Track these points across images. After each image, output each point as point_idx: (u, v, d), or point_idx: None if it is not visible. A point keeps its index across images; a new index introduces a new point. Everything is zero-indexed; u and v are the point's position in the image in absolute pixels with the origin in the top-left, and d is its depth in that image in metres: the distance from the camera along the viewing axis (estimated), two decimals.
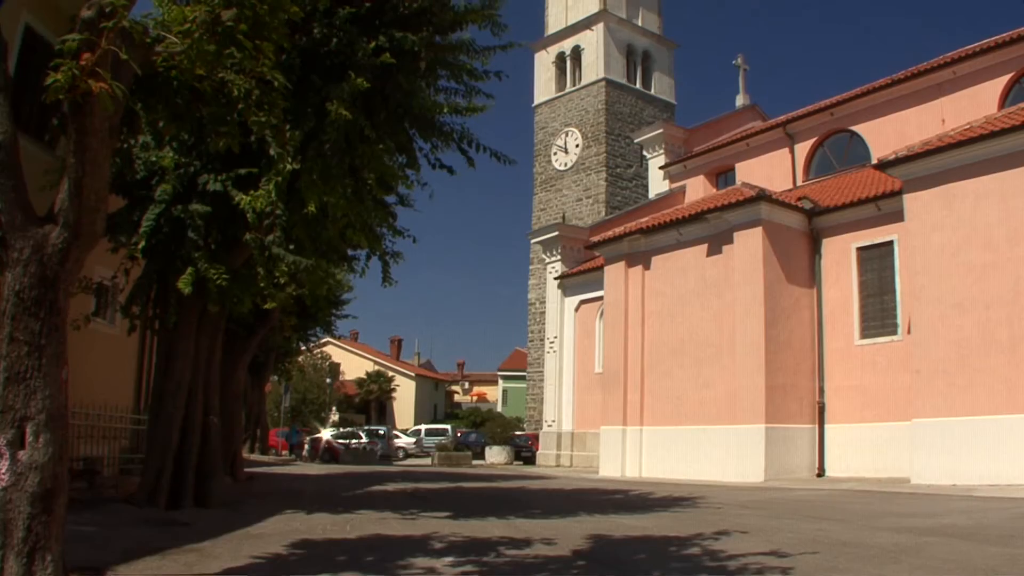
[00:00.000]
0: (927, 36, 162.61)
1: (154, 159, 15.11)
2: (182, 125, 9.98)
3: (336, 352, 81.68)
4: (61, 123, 8.66)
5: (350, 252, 19.85)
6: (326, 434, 52.05)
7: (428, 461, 50.24)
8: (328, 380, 71.91)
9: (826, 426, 26.02)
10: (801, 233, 27.40)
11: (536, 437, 44.40)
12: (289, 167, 13.37)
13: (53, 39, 13.70)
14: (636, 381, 30.01)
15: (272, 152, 12.94)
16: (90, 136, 7.24)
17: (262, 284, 15.05)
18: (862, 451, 24.87)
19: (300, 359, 58.90)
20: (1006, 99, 28.18)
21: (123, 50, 7.11)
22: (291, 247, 15.03)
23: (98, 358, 18.71)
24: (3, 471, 6.58)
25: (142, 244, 14.86)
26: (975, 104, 28.29)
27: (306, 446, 51.49)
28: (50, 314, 7.02)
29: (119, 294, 17.48)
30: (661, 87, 53.35)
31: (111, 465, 19.50)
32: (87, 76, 6.73)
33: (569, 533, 12.26)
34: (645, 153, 45.63)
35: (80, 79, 6.69)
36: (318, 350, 70.80)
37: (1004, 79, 28.51)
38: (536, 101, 54.37)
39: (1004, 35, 29.13)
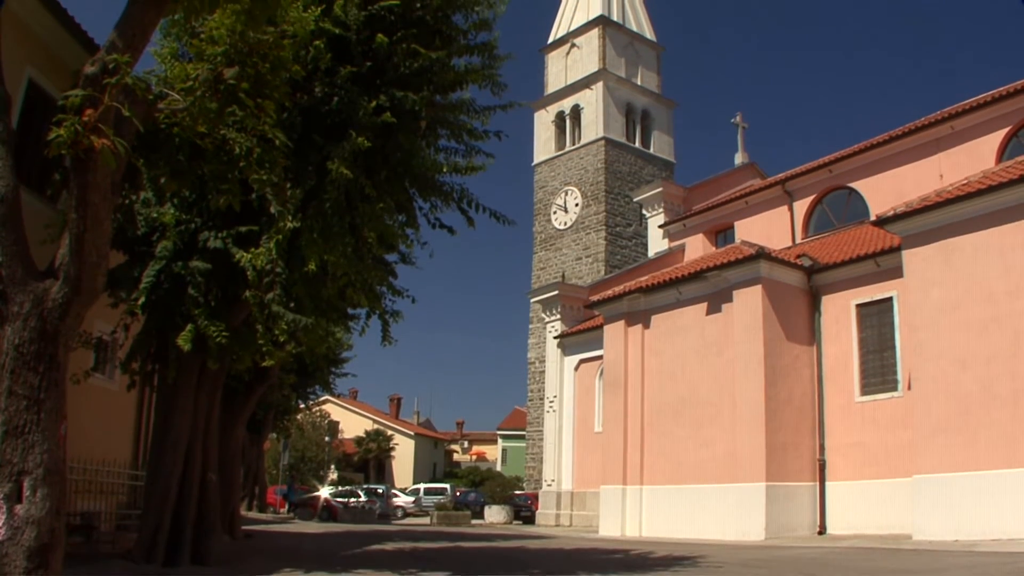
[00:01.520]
0: (926, 91, 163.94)
1: (155, 215, 15.20)
2: (183, 182, 10.05)
3: (335, 410, 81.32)
4: (63, 178, 8.75)
5: (350, 311, 19.86)
6: (324, 492, 51.71)
7: (427, 520, 49.86)
8: (327, 438, 71.56)
9: (827, 483, 25.85)
10: (801, 290, 27.42)
11: (536, 496, 44.10)
12: (290, 225, 13.48)
13: (56, 94, 13.83)
14: (636, 440, 29.87)
15: (273, 210, 13.05)
16: (92, 191, 7.29)
17: (261, 342, 15.04)
18: (864, 508, 24.69)
19: (299, 417, 58.67)
20: (1004, 152, 28.34)
21: (126, 106, 7.19)
22: (291, 305, 15.05)
23: (97, 413, 18.66)
24: (0, 525, 6.55)
25: (142, 300, 14.88)
26: (973, 158, 28.46)
27: (288, 504, 51.21)
28: (49, 368, 7.03)
29: (118, 349, 17.47)
30: (660, 145, 53.69)
31: (108, 520, 19.38)
32: (89, 132, 6.79)
33: None
34: (644, 212, 45.80)
35: (83, 135, 6.76)
36: (317, 408, 70.56)
37: (1001, 133, 28.70)
38: (536, 160, 54.67)
39: (1001, 89, 29.38)
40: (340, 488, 56.12)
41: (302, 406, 49.39)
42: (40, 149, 8.35)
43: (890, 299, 25.32)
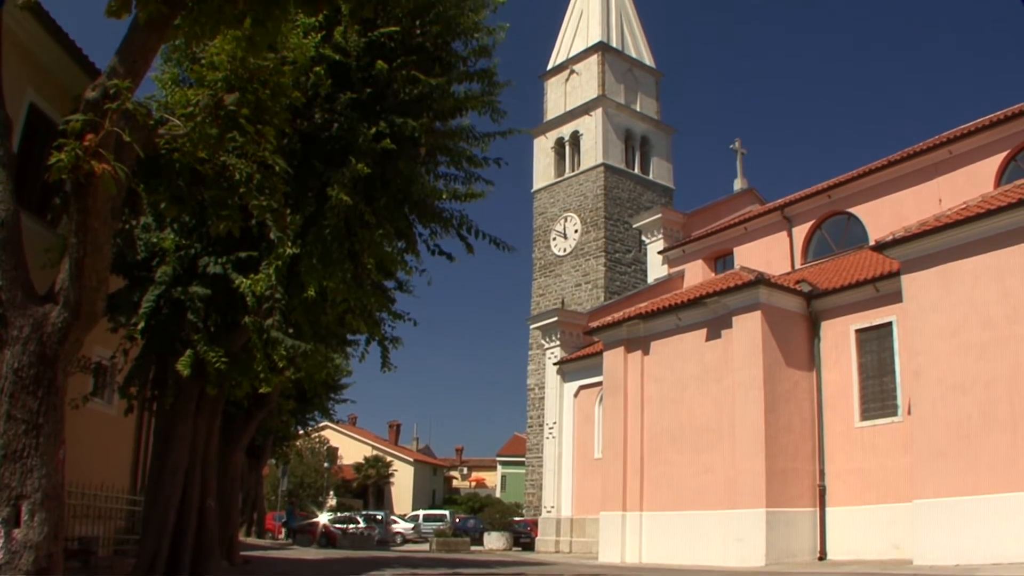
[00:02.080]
0: (925, 115, 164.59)
1: (155, 240, 15.23)
2: (183, 207, 10.07)
3: (334, 436, 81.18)
4: (63, 202, 8.79)
5: (349, 337, 19.86)
6: (323, 518, 51.55)
7: (426, 547, 49.67)
8: (326, 464, 71.43)
9: (827, 509, 25.74)
10: (800, 316, 27.40)
11: (535, 523, 43.92)
12: (289, 251, 13.51)
13: (57, 118, 13.87)
14: (636, 466, 29.78)
15: (272, 236, 13.08)
16: (92, 217, 7.31)
17: (260, 367, 15.04)
18: (864, 533, 24.58)
19: (298, 443, 58.58)
20: (1002, 176, 28.36)
21: (126, 132, 7.21)
22: (290, 331, 15.07)
23: (95, 438, 18.63)
24: None
25: (141, 325, 14.89)
26: (971, 182, 28.49)
27: (282, 530, 51.13)
28: (48, 393, 7.03)
29: (117, 374, 17.46)
30: (659, 171, 53.76)
31: (106, 545, 19.33)
32: (90, 157, 6.82)
33: None
34: (644, 238, 45.84)
35: (83, 160, 6.78)
36: (316, 434, 70.47)
37: (1000, 157, 28.75)
38: (535, 186, 54.69)
39: (998, 113, 29.43)
40: (339, 514, 55.95)
41: (301, 432, 49.32)
42: (40, 173, 8.39)
43: (889, 324, 25.29)
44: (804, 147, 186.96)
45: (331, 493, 74.68)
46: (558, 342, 40.96)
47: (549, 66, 56.78)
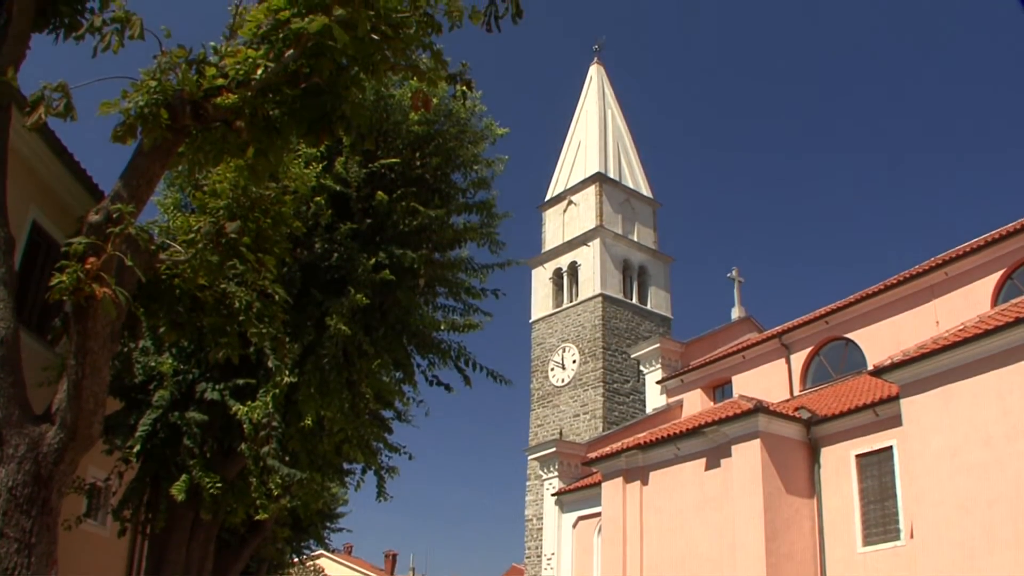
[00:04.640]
0: (920, 238, 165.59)
1: (153, 364, 15.34)
2: (182, 333, 10.17)
3: (329, 565, 79.76)
4: (63, 323, 8.92)
5: (345, 465, 19.78)
6: None
7: None
8: None
9: None
10: (799, 443, 27.27)
11: None
12: (287, 379, 13.62)
13: (60, 236, 14.04)
14: None
15: (271, 364, 13.20)
16: (91, 339, 7.40)
17: (256, 495, 15.00)
18: None
19: (293, 571, 57.63)
20: (999, 295, 28.40)
21: (128, 256, 7.33)
22: (286, 459, 15.07)
23: (87, 559, 18.34)
24: None
25: (137, 448, 14.91)
26: (968, 303, 28.57)
27: None
28: (42, 513, 7.04)
29: (112, 496, 17.35)
30: (657, 301, 53.89)
31: None
32: (91, 280, 6.93)
33: None
34: (642, 368, 45.79)
35: (84, 282, 6.89)
36: (311, 562, 69.34)
37: (996, 276, 28.82)
38: (533, 317, 54.70)
39: (993, 233, 29.58)
40: None
41: (296, 560, 48.59)
42: (41, 291, 8.54)
43: (890, 448, 25.13)
44: (801, 275, 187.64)
45: None
46: (556, 473, 40.59)
47: (547, 196, 57.33)
